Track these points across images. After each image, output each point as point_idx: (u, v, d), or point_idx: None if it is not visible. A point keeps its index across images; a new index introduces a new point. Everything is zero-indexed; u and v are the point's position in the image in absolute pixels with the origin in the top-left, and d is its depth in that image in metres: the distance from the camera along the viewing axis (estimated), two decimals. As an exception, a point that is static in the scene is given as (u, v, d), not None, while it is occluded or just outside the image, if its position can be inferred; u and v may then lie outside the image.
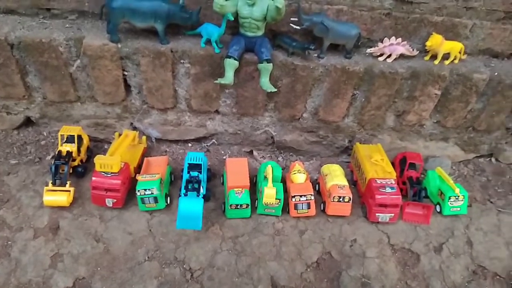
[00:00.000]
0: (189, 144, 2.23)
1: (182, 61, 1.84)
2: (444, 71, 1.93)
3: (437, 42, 1.89)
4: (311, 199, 1.84)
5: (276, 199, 1.80)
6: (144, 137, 2.10)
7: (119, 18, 1.71)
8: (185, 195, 1.75)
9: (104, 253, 1.73)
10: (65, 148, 1.86)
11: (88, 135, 2.03)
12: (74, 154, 1.87)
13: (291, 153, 2.27)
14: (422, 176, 2.15)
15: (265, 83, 1.83)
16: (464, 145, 2.30)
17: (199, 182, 1.79)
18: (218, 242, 1.79)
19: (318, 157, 2.29)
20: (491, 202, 2.15)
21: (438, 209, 2.01)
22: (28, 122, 2.12)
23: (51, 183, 1.81)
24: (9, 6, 1.82)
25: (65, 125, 1.97)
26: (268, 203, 1.80)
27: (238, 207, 1.81)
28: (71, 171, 1.87)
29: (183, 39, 1.87)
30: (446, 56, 1.96)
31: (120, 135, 2.01)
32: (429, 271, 1.81)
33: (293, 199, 1.84)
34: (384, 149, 2.13)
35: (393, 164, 2.13)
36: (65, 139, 1.89)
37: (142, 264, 1.71)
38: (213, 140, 2.22)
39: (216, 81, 1.80)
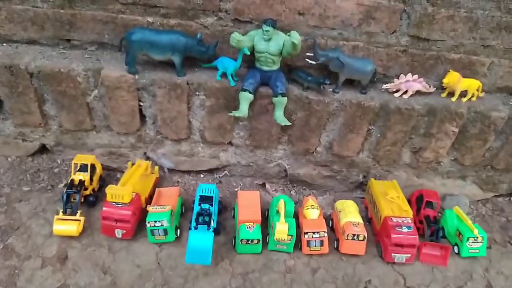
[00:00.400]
0: (201, 175, 2.21)
1: (197, 93, 1.85)
2: (461, 108, 1.90)
3: (454, 79, 1.87)
4: (324, 236, 1.79)
5: (288, 235, 1.76)
6: (156, 167, 2.09)
7: (138, 51, 1.73)
8: (195, 228, 1.71)
9: (111, 286, 1.68)
10: (77, 177, 1.86)
11: (101, 164, 2.03)
12: (86, 183, 1.86)
13: (304, 187, 2.24)
14: (439, 215, 2.08)
15: (279, 117, 1.82)
16: (482, 184, 2.24)
17: (210, 215, 1.76)
18: (227, 278, 1.74)
19: (332, 192, 2.24)
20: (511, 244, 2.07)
21: (456, 250, 1.94)
22: (43, 149, 2.13)
23: (62, 211, 1.79)
24: (32, 37, 1.87)
25: (79, 154, 1.98)
26: (280, 239, 1.75)
27: (249, 242, 1.77)
28: (82, 200, 1.86)
29: (199, 72, 1.89)
30: (463, 94, 1.94)
31: (133, 164, 2.00)
32: (448, 317, 1.73)
33: (306, 236, 1.79)
34: (400, 186, 2.08)
35: (409, 201, 2.08)
36: (78, 168, 1.89)
37: (149, 299, 1.67)
38: (226, 172, 2.20)
39: (230, 114, 1.80)
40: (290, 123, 1.84)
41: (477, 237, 1.86)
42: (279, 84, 1.78)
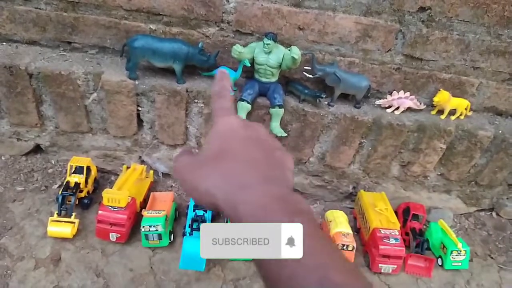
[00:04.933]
0: (195, 181, 2.24)
1: (196, 100, 1.88)
2: (450, 126, 1.98)
3: (444, 98, 1.95)
4: (315, 246, 1.84)
5: (280, 243, 1.80)
6: (151, 172, 2.11)
7: (140, 57, 1.75)
8: (190, 234, 1.74)
9: (103, 289, 1.71)
10: (73, 179, 1.87)
11: (96, 166, 2.04)
12: (81, 186, 1.87)
13: (295, 196, 2.28)
14: (425, 227, 2.16)
15: (276, 128, 1.86)
16: (466, 198, 2.33)
17: (204, 221, 1.79)
18: (219, 284, 1.77)
19: (322, 201, 2.30)
20: (492, 258, 2.15)
21: (439, 262, 2.01)
22: (37, 149, 2.13)
23: (57, 213, 1.80)
24: (33, 37, 1.87)
25: (74, 155, 1.99)
26: (272, 247, 1.79)
27: (242, 249, 1.80)
28: (77, 202, 1.87)
29: (198, 80, 1.92)
30: (452, 112, 2.02)
31: (128, 168, 2.02)
32: (430, 327, 1.80)
33: (297, 245, 1.84)
34: (388, 198, 2.15)
35: (396, 213, 2.15)
36: (73, 170, 1.90)
37: (142, 303, 1.69)
38: (219, 178, 2.23)
39: (228, 123, 1.84)
40: (286, 134, 1.89)
41: (460, 251, 1.94)
42: (277, 96, 1.83)
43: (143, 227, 1.76)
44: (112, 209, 1.75)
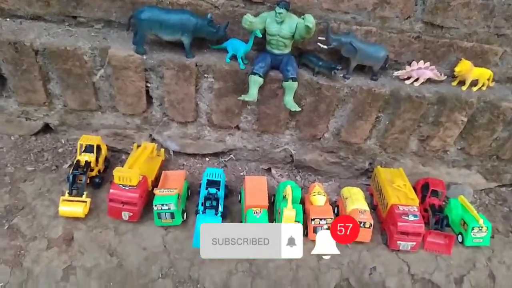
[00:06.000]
0: (207, 159, 2.19)
1: (206, 75, 1.82)
2: (471, 97, 1.89)
3: (466, 68, 1.85)
4: (331, 223, 1.79)
5: (295, 221, 1.75)
6: (162, 150, 2.07)
7: (147, 30, 1.69)
8: (203, 212, 1.70)
9: (117, 268, 1.68)
10: (83, 157, 1.83)
11: (106, 145, 2.00)
12: (92, 164, 1.84)
13: (309, 173, 2.23)
14: (444, 203, 2.09)
15: (289, 102, 1.79)
16: (486, 174, 2.25)
17: (217, 199, 1.75)
18: (233, 263, 1.74)
19: (337, 178, 2.24)
20: (514, 234, 2.09)
21: (460, 239, 1.95)
22: (46, 128, 2.10)
23: (68, 193, 1.78)
24: (37, 12, 1.81)
25: (84, 134, 1.95)
26: (287, 225, 1.75)
27: (256, 227, 1.76)
28: (88, 181, 1.84)
29: (208, 53, 1.85)
30: (474, 83, 1.92)
31: (138, 146, 1.98)
32: (450, 304, 1.75)
33: (313, 222, 1.79)
34: (406, 174, 2.08)
35: (414, 189, 2.08)
36: (84, 149, 1.86)
37: (156, 282, 1.67)
38: (231, 156, 2.18)
39: (239, 98, 1.77)
40: (300, 109, 1.82)
41: (481, 227, 1.87)
42: (290, 69, 1.75)
43: (156, 206, 1.73)
44: (124, 187, 1.71)
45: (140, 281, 1.66)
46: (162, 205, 1.72)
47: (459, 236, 1.95)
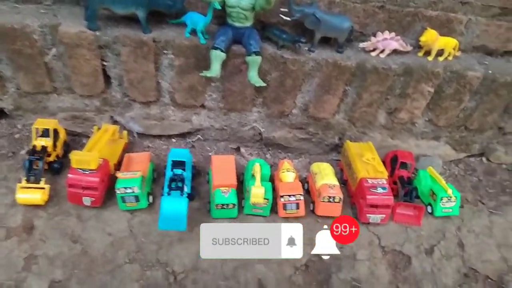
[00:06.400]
0: (173, 140, 2.13)
1: (165, 51, 1.74)
2: (438, 68, 1.87)
3: (431, 37, 1.83)
4: (300, 199, 1.76)
5: (264, 199, 1.72)
6: (125, 132, 1.99)
7: (98, 4, 1.60)
8: (168, 194, 1.65)
9: (81, 255, 1.62)
10: (39, 142, 1.74)
11: (65, 129, 1.91)
12: (49, 149, 1.75)
13: (279, 150, 2.19)
14: (414, 175, 2.09)
15: (254, 77, 1.74)
16: (455, 144, 2.26)
17: (182, 180, 1.69)
18: (202, 244, 1.71)
19: (307, 155, 2.21)
20: (483, 203, 2.11)
21: (429, 210, 1.96)
22: (1, 114, 1.98)
23: (25, 179, 1.69)
24: (-21, -11, 1.69)
25: (39, 118, 1.85)
26: (256, 203, 1.72)
27: (224, 206, 1.72)
28: (46, 167, 1.76)
29: (166, 28, 1.77)
30: (440, 53, 1.90)
31: (99, 129, 1.89)
32: (420, 274, 1.76)
33: (282, 199, 1.76)
34: (375, 147, 2.06)
35: (383, 162, 2.07)
36: (40, 133, 1.77)
37: (123, 267, 1.61)
38: (199, 136, 2.12)
39: (201, 74, 1.71)
40: (266, 84, 1.77)
41: (450, 197, 1.88)
42: (253, 42, 1.69)
43: (118, 189, 1.66)
44: (83, 172, 1.64)
45: (106, 267, 1.60)
46: (126, 188, 1.66)
47: (429, 207, 1.96)
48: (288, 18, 1.72)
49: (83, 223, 1.70)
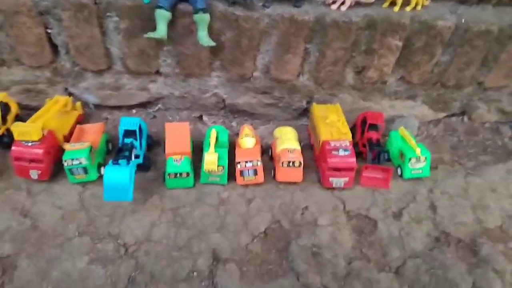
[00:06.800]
0: (133, 111, 2.05)
1: (108, 14, 1.64)
2: (404, 18, 1.74)
3: (394, -15, 1.69)
4: (257, 165, 1.67)
5: (218, 166, 1.65)
6: (78, 103, 1.92)
7: (29, -35, 1.50)
8: (114, 163, 1.58)
9: (31, 229, 1.57)
10: (-14, 116, 1.69)
11: (19, 103, 1.85)
12: (-4, 123, 1.70)
13: (245, 118, 2.10)
14: (386, 138, 1.98)
15: (203, 37, 1.63)
16: (433, 103, 2.13)
17: (130, 149, 1.62)
18: (156, 214, 1.64)
19: (275, 121, 2.12)
20: (460, 164, 1.99)
21: (399, 172, 1.86)
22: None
23: (-29, 154, 1.64)
24: None
25: (-7, 93, 1.80)
26: (209, 170, 1.64)
27: (178, 176, 1.65)
28: (-7, 141, 1.71)
29: (109, -11, 1.67)
30: (406, 3, 1.76)
31: (51, 101, 1.83)
32: (387, 239, 1.66)
33: (239, 166, 1.68)
34: (346, 110, 1.96)
35: (355, 125, 1.98)
36: (-11, 107, 1.72)
37: (72, 240, 1.56)
38: (159, 105, 2.04)
39: (146, 36, 1.61)
40: (215, 43, 1.66)
41: (419, 157, 1.77)
42: (198, -1, 1.58)
43: (65, 161, 1.60)
44: (26, 144, 1.58)
45: (56, 241, 1.55)
46: (72, 160, 1.60)
47: (399, 170, 1.86)
48: (236, -29, 1.60)
49: (33, 197, 1.65)
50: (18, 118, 1.84)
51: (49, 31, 1.69)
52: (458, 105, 2.17)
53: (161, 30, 1.59)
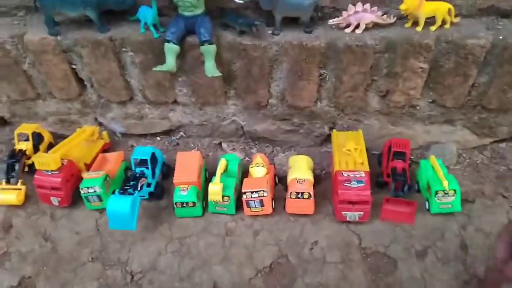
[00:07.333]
0: (158, 138, 2.11)
1: (123, 49, 1.72)
2: (428, 39, 1.59)
3: (413, 4, 1.56)
4: (263, 196, 1.61)
5: (224, 196, 1.62)
6: (104, 132, 2.02)
7: (50, 9, 1.63)
8: (122, 192, 1.62)
9: (51, 253, 1.68)
10: (20, 146, 1.84)
11: (54, 132, 2.01)
12: (28, 152, 1.84)
13: (266, 144, 2.06)
14: (414, 167, 1.81)
15: (208, 68, 1.64)
16: (475, 128, 1.91)
17: (137, 178, 1.66)
18: (164, 243, 1.66)
19: (298, 147, 2.04)
20: (504, 197, 1.74)
21: (427, 206, 1.67)
22: (4, 122, 2.14)
23: (5, 181, 1.80)
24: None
25: (34, 123, 1.97)
26: (214, 200, 1.62)
27: (184, 205, 1.65)
28: (26, 169, 1.85)
29: (125, 26, 1.75)
30: (432, 22, 1.61)
31: (83, 131, 1.95)
32: (408, 281, 1.50)
33: (244, 196, 1.63)
34: (374, 136, 1.84)
35: (382, 153, 1.84)
36: (24, 138, 1.88)
37: (85, 265, 1.63)
38: (181, 133, 2.08)
39: (155, 69, 1.65)
40: (221, 74, 1.65)
41: (446, 191, 1.58)
42: (203, 31, 1.59)
43: (82, 189, 1.69)
44: (47, 173, 1.69)
45: (71, 265, 1.63)
46: (88, 188, 1.68)
47: (427, 203, 1.68)
48: (241, 1, 1.59)
49: (55, 222, 1.76)
50: (51, 146, 1.99)
51: (73, 66, 1.81)
52: (505, 130, 1.91)
53: (170, 63, 1.62)
